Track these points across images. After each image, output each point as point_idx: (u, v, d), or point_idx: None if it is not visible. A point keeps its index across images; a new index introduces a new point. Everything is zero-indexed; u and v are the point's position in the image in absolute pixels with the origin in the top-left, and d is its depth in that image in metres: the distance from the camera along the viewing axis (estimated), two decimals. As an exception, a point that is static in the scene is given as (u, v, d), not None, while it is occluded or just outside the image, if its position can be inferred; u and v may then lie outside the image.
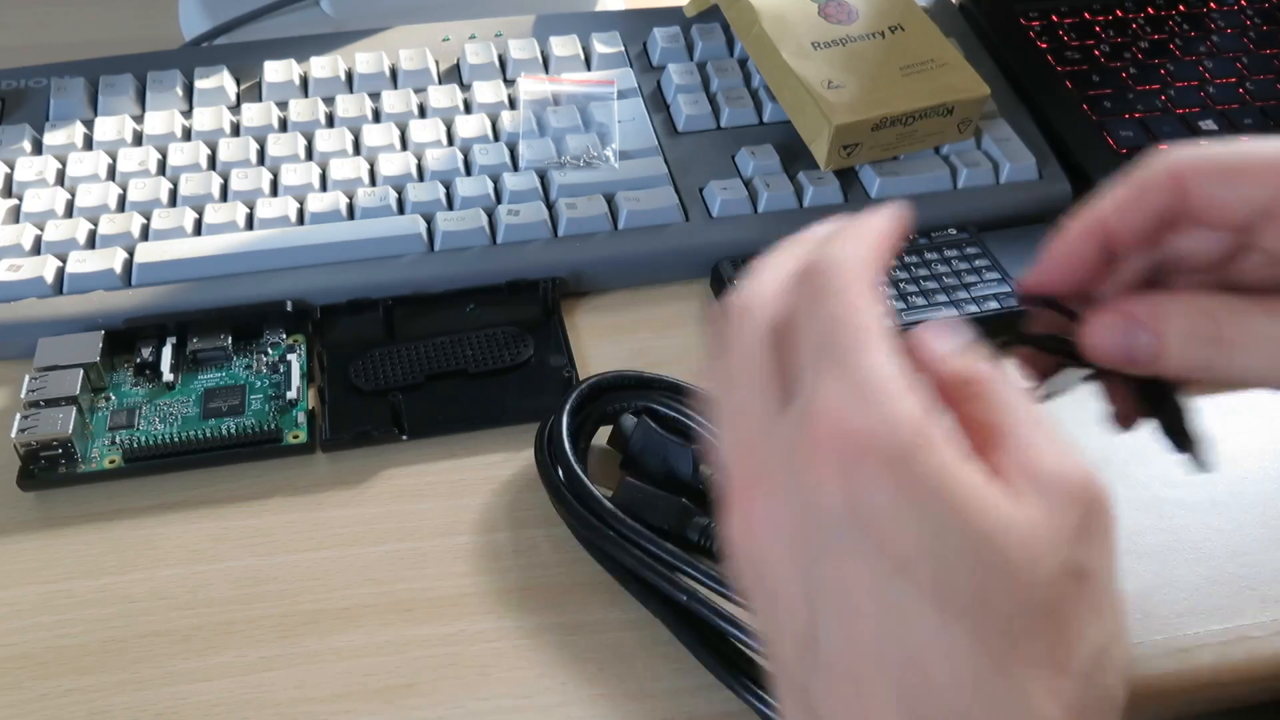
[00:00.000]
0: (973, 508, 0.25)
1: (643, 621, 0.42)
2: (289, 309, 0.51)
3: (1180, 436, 0.35)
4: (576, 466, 0.43)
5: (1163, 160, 0.33)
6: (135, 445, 0.47)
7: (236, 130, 0.59)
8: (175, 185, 0.56)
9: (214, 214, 0.54)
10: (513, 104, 0.61)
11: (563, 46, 0.63)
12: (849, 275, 0.28)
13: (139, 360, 0.50)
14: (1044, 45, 0.66)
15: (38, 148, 0.58)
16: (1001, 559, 0.25)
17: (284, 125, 0.60)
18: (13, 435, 0.46)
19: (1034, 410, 0.27)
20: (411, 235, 0.53)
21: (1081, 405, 0.50)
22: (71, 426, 0.46)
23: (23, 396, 0.47)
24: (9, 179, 0.56)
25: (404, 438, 0.48)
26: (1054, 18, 0.68)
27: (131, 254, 0.52)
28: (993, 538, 0.25)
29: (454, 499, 0.46)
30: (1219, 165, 0.32)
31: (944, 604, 0.25)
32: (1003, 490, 0.25)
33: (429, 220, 0.55)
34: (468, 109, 0.61)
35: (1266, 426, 0.50)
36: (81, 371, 0.48)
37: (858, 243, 0.29)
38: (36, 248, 0.53)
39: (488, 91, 0.61)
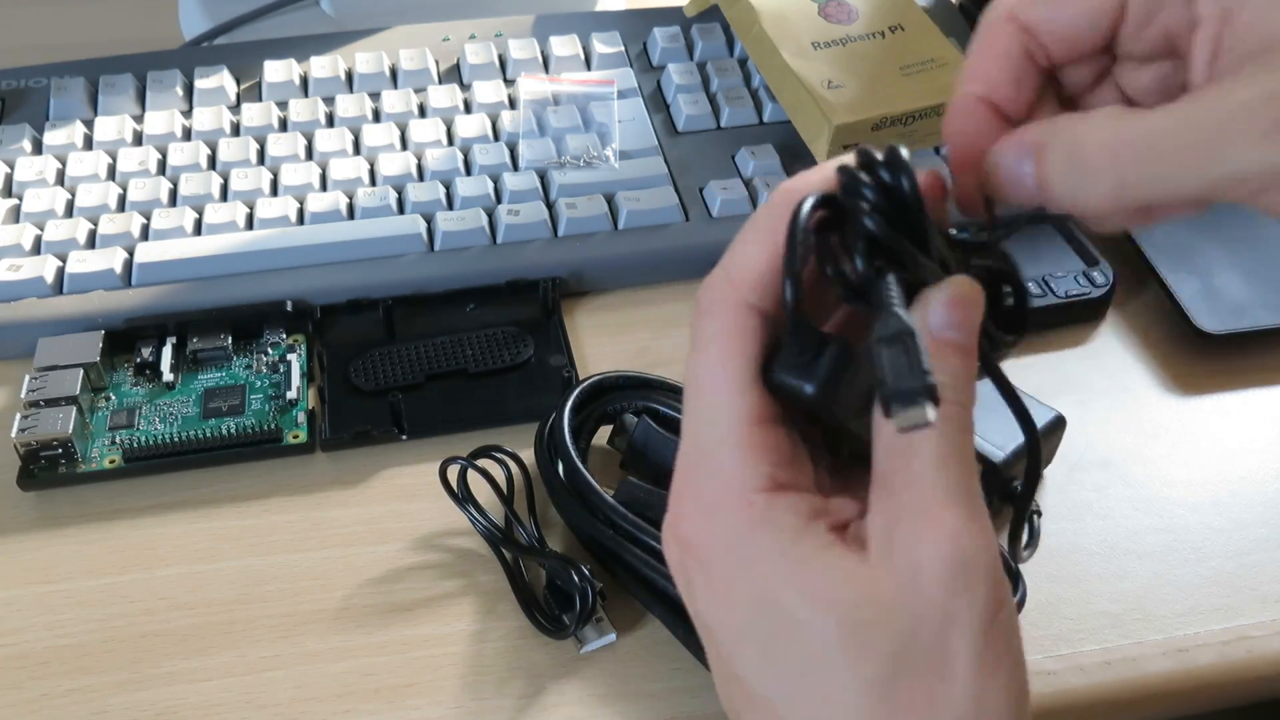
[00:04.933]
0: (805, 581, 0.25)
1: (643, 621, 0.42)
2: (289, 309, 0.51)
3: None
4: (578, 461, 0.43)
5: (997, 8, 0.30)
6: (135, 445, 0.47)
7: (236, 130, 0.59)
8: (175, 185, 0.56)
9: (214, 214, 0.54)
10: (513, 104, 0.61)
11: (563, 46, 0.63)
12: (714, 320, 0.27)
13: (139, 360, 0.50)
14: (1044, 45, 0.66)
15: (38, 148, 0.58)
16: (833, 632, 0.25)
17: (284, 125, 0.60)
18: (13, 435, 0.46)
19: (937, 450, 0.25)
20: (411, 235, 0.53)
21: (1086, 405, 0.50)
22: (71, 426, 0.46)
23: (23, 396, 0.47)
24: (9, 179, 0.56)
25: (404, 437, 0.48)
26: (1054, 18, 0.68)
27: (131, 254, 0.52)
28: (826, 610, 0.25)
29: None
30: None
31: (777, 682, 0.26)
32: (840, 556, 0.25)
33: (429, 220, 0.55)
34: (468, 109, 0.61)
35: (1266, 427, 0.50)
36: (81, 371, 0.48)
37: (744, 263, 0.28)
38: (36, 248, 0.53)
39: (488, 91, 0.61)
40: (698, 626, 0.29)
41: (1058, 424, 0.46)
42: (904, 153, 0.27)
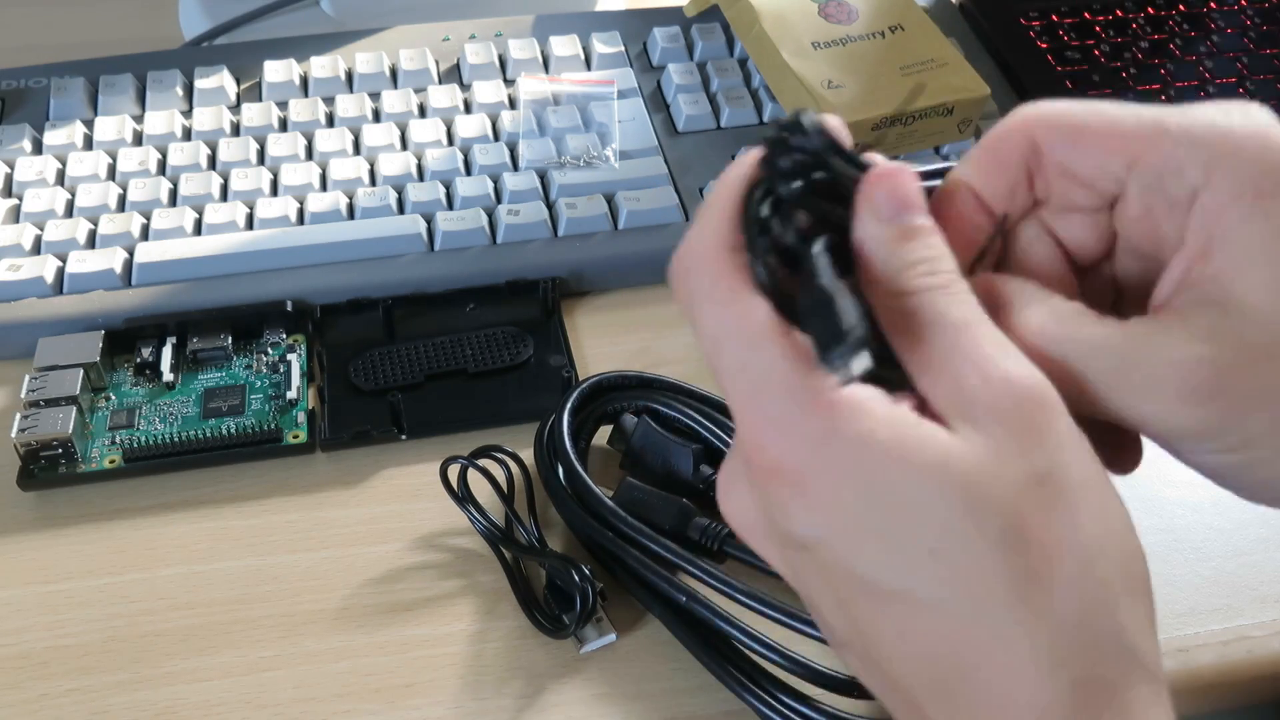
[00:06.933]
0: (909, 460, 0.25)
1: (643, 621, 0.42)
2: (289, 309, 0.51)
3: None
4: (578, 465, 0.43)
5: (1018, 114, 0.30)
6: (135, 445, 0.47)
7: (236, 130, 0.59)
8: (175, 185, 0.56)
9: (214, 214, 0.54)
10: (513, 104, 0.61)
11: (563, 46, 0.63)
12: (700, 276, 0.28)
13: (139, 360, 0.50)
14: (1044, 45, 0.66)
15: (38, 148, 0.58)
16: (950, 502, 0.24)
17: (284, 125, 0.60)
18: (13, 435, 0.46)
19: (956, 318, 0.26)
20: (411, 235, 0.53)
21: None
22: (71, 426, 0.46)
23: (23, 396, 0.47)
24: (9, 179, 0.56)
25: (403, 437, 0.48)
26: (1054, 18, 0.68)
27: (131, 254, 0.52)
28: (937, 484, 0.25)
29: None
30: (1069, 124, 0.29)
31: (909, 569, 0.25)
32: (933, 430, 0.25)
33: (429, 220, 0.55)
34: (468, 109, 0.61)
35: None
36: (81, 371, 0.48)
37: (704, 225, 0.28)
38: (36, 248, 0.53)
39: (488, 91, 0.61)
40: (795, 559, 0.28)
41: None
42: (806, 116, 0.27)
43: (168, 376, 0.49)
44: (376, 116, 0.60)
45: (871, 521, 0.25)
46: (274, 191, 0.56)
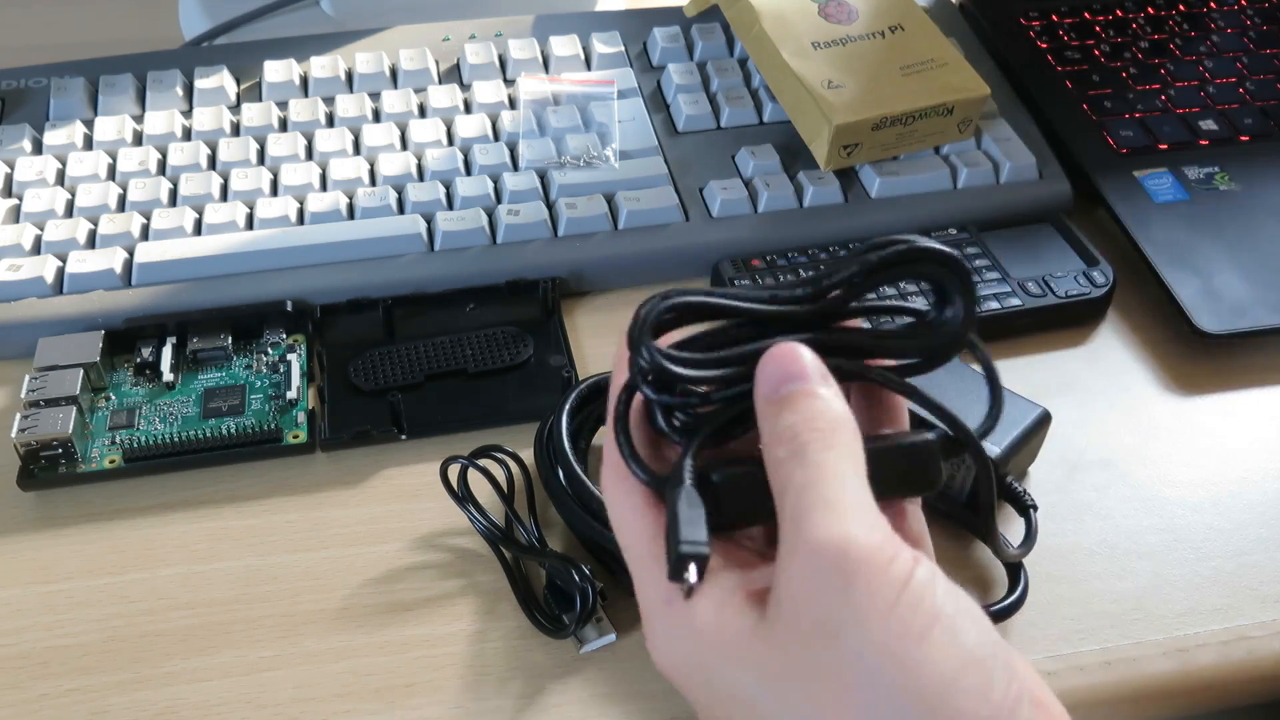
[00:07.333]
0: (720, 646, 0.28)
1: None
2: (289, 309, 0.51)
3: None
4: (576, 466, 0.43)
5: None
6: (135, 445, 0.47)
7: (236, 130, 0.59)
8: (175, 185, 0.56)
9: (214, 214, 0.54)
10: (513, 104, 0.61)
11: (563, 46, 0.63)
12: (606, 481, 0.32)
13: (139, 360, 0.50)
14: (1044, 45, 0.66)
15: (38, 148, 0.58)
16: (752, 679, 0.28)
17: (284, 125, 0.60)
18: (13, 435, 0.46)
19: (799, 483, 0.28)
20: (411, 235, 0.53)
21: (1086, 405, 0.50)
22: (71, 426, 0.46)
23: (23, 396, 0.47)
24: (9, 179, 0.56)
25: (403, 437, 0.48)
26: (1054, 18, 0.68)
27: (131, 254, 0.52)
28: (738, 663, 0.28)
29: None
30: None
31: None
32: (743, 612, 0.28)
33: (429, 220, 0.55)
34: (468, 109, 0.61)
35: (1266, 427, 0.50)
36: (81, 371, 0.48)
37: (608, 436, 0.31)
38: (36, 248, 0.53)
39: (488, 91, 0.61)
40: None
41: (1043, 420, 0.45)
42: (639, 327, 0.30)
43: (168, 376, 0.49)
44: (376, 116, 0.60)
45: (720, 708, 0.29)
46: (274, 191, 0.56)
